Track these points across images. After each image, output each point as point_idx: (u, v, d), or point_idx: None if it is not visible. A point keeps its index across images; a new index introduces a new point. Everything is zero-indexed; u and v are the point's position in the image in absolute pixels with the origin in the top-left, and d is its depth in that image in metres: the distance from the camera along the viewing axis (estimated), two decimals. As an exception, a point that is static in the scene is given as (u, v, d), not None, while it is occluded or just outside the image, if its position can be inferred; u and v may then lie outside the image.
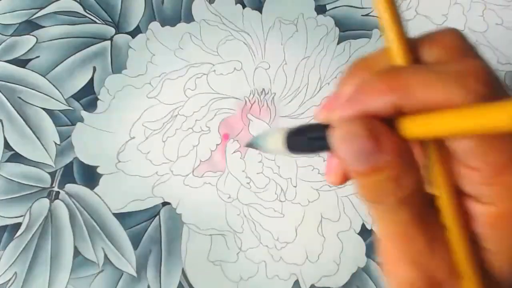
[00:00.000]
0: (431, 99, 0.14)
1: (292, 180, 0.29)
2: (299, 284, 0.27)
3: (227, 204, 0.28)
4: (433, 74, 0.15)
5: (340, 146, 0.16)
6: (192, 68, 0.31)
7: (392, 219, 0.17)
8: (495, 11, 0.33)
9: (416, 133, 0.15)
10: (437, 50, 0.16)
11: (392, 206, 0.16)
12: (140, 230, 0.28)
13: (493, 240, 0.16)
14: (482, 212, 0.16)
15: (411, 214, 0.16)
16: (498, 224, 0.16)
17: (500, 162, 0.15)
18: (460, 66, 0.15)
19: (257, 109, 0.30)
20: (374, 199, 0.17)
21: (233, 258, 0.28)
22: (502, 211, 0.15)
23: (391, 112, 0.16)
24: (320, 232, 0.28)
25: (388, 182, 0.16)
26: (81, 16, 0.32)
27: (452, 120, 0.14)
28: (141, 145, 0.29)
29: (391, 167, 0.16)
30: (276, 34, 0.31)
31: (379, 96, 0.15)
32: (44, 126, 0.29)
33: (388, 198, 0.16)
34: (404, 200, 0.16)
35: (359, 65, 0.19)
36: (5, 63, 0.30)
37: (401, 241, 0.17)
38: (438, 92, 0.14)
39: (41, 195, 0.28)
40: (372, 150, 0.16)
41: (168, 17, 0.32)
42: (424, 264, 0.17)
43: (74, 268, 0.27)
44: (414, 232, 0.17)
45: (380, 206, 0.17)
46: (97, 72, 0.31)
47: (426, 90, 0.15)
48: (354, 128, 0.16)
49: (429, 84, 0.15)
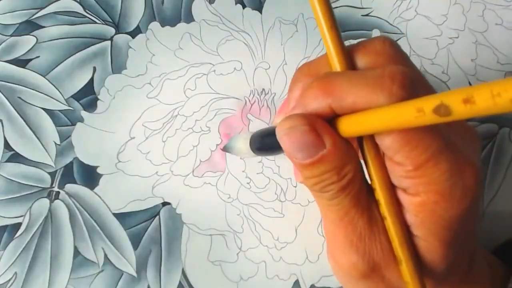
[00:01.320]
0: (358, 101, 0.16)
1: (292, 180, 0.29)
2: (299, 284, 0.27)
3: (227, 204, 0.28)
4: (359, 79, 0.17)
5: (283, 139, 0.18)
6: (192, 68, 0.31)
7: (335, 205, 0.18)
8: (495, 11, 0.33)
9: (349, 131, 0.17)
10: (368, 56, 0.18)
11: (334, 194, 0.18)
12: (140, 230, 0.28)
13: (420, 228, 0.18)
14: (409, 202, 0.18)
15: (351, 201, 0.18)
16: (421, 212, 0.17)
17: (419, 157, 0.16)
18: (382, 71, 0.16)
19: (257, 109, 0.30)
20: (319, 188, 0.18)
21: (233, 258, 0.28)
22: (424, 200, 0.17)
23: (329, 113, 0.17)
24: (320, 232, 0.28)
25: (329, 173, 0.18)
26: (81, 16, 0.32)
27: (372, 119, 0.16)
28: (141, 145, 0.29)
29: (332, 158, 0.18)
30: (276, 34, 0.31)
31: (316, 99, 0.17)
32: (44, 126, 0.29)
33: (330, 187, 0.18)
34: (344, 188, 0.18)
35: (304, 70, 0.21)
36: (5, 63, 0.30)
37: (343, 225, 0.18)
38: (362, 95, 0.16)
39: (41, 195, 0.28)
40: (313, 143, 0.17)
41: (168, 17, 0.32)
42: (365, 248, 0.18)
43: (74, 268, 0.27)
44: (354, 217, 0.18)
45: (323, 194, 0.18)
46: (97, 72, 0.31)
47: (353, 93, 0.16)
48: (295, 122, 0.18)
49: (356, 88, 0.16)
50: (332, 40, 0.18)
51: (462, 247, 0.19)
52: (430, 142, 0.16)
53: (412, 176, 0.17)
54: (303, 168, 0.18)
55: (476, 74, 0.31)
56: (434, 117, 0.13)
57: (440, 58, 0.32)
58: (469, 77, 0.31)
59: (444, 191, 0.17)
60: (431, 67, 0.31)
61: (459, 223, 0.17)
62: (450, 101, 0.12)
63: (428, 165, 0.16)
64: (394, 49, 0.19)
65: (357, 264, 0.18)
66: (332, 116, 0.18)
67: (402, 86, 0.16)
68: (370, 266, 0.18)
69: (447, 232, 0.17)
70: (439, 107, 0.13)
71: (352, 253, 0.18)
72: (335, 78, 0.17)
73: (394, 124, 0.15)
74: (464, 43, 0.32)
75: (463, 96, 0.12)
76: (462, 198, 0.17)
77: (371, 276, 0.19)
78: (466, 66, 0.31)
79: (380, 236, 0.18)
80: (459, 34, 0.32)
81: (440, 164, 0.16)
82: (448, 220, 0.17)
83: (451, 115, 0.12)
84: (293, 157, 0.18)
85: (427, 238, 0.18)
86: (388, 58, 0.18)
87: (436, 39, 0.32)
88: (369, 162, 0.18)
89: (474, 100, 0.12)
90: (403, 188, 0.18)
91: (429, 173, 0.17)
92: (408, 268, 0.18)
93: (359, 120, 0.17)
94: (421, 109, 0.13)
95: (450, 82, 0.31)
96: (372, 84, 0.16)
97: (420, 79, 0.19)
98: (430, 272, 0.19)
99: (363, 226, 0.18)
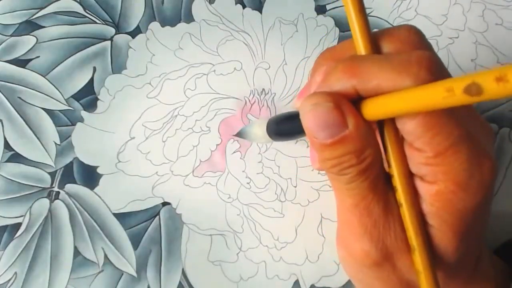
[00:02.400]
0: (383, 84, 0.16)
1: (292, 180, 0.29)
2: (299, 284, 0.27)
3: (227, 204, 0.28)
4: (385, 63, 0.17)
5: (307, 117, 0.18)
6: (192, 68, 0.31)
7: (351, 190, 0.18)
8: (495, 11, 0.33)
9: (373, 113, 0.17)
10: (393, 43, 0.18)
11: (352, 178, 0.18)
12: (140, 230, 0.28)
13: (435, 217, 0.18)
14: (425, 190, 0.18)
15: (368, 186, 0.18)
16: (437, 201, 0.17)
17: (440, 144, 0.16)
18: (408, 55, 0.16)
19: (257, 109, 0.30)
20: (337, 171, 0.18)
21: (233, 258, 0.28)
22: (441, 189, 0.17)
23: (353, 94, 0.17)
24: (320, 232, 0.28)
25: (349, 155, 0.17)
26: (81, 16, 0.32)
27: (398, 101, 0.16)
28: (141, 145, 0.29)
29: (353, 140, 0.17)
30: (276, 34, 0.31)
31: (341, 80, 0.17)
32: (44, 126, 0.29)
33: (349, 170, 0.18)
34: (363, 172, 0.18)
35: (326, 55, 0.21)
36: (5, 63, 0.30)
37: (358, 211, 0.18)
38: (388, 78, 0.16)
39: (41, 195, 0.28)
40: (337, 122, 0.17)
41: (168, 17, 0.32)
42: (379, 235, 0.18)
43: (74, 268, 0.27)
44: (370, 204, 0.18)
45: (341, 178, 0.18)
46: (97, 72, 0.31)
47: (379, 76, 0.16)
48: (321, 98, 0.17)
49: (382, 70, 0.16)
50: (359, 24, 0.18)
51: (473, 241, 0.19)
52: (452, 130, 0.16)
53: (432, 163, 0.17)
54: (323, 148, 0.18)
55: (476, 74, 0.31)
56: (464, 97, 0.13)
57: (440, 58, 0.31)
58: (469, 77, 0.31)
59: (462, 181, 0.17)
60: (431, 67, 0.31)
61: (473, 216, 0.17)
62: (482, 80, 0.12)
63: (448, 153, 0.16)
64: (419, 38, 0.19)
65: (370, 252, 0.18)
66: (355, 98, 0.18)
67: (428, 70, 0.16)
68: (383, 254, 0.18)
69: (461, 223, 0.17)
70: (470, 86, 0.12)
71: (366, 241, 0.18)
72: (361, 60, 0.17)
73: (422, 105, 0.15)
74: (464, 43, 0.32)
75: (496, 75, 0.12)
76: (478, 190, 0.17)
77: (383, 264, 0.18)
78: (466, 66, 0.31)
79: (395, 225, 0.18)
80: (459, 34, 0.32)
81: (460, 153, 0.16)
82: (463, 211, 0.17)
83: (483, 94, 0.12)
84: (314, 136, 0.18)
85: (441, 228, 0.18)
86: (413, 46, 0.18)
87: (436, 39, 0.32)
88: (388, 148, 0.18)
89: (508, 78, 0.12)
90: (421, 175, 0.18)
91: (449, 161, 0.16)
92: (421, 257, 0.18)
93: (384, 102, 0.16)
94: (451, 88, 0.13)
95: (450, 82, 0.31)
96: (398, 67, 0.16)
97: (444, 66, 0.19)
98: (441, 263, 0.19)
99: (378, 214, 0.18)
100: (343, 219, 0.19)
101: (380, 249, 0.18)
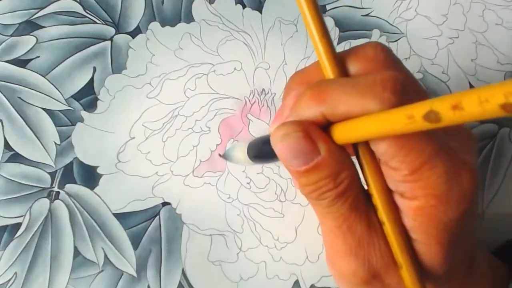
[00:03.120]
0: (351, 108, 0.16)
1: (292, 180, 0.29)
2: (299, 284, 0.27)
3: (227, 204, 0.28)
4: (351, 87, 0.17)
5: (278, 146, 0.18)
6: (192, 68, 0.31)
7: (332, 212, 0.18)
8: (495, 11, 0.33)
9: (343, 138, 0.17)
10: (360, 63, 0.18)
11: (331, 201, 0.18)
12: (140, 230, 0.28)
13: (419, 232, 0.18)
14: (406, 206, 0.18)
15: (349, 207, 0.18)
16: (420, 216, 0.17)
17: (414, 161, 0.16)
18: (374, 77, 0.16)
19: (257, 109, 0.30)
20: (315, 196, 0.18)
21: (233, 258, 0.28)
22: (421, 204, 0.17)
23: (322, 120, 0.17)
24: (320, 232, 0.28)
25: (325, 180, 0.18)
26: (81, 16, 0.32)
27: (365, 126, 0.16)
28: (141, 145, 0.29)
29: (327, 165, 0.17)
30: (276, 34, 0.31)
31: (310, 107, 0.17)
32: (44, 126, 0.29)
33: (327, 194, 0.18)
34: (342, 194, 0.18)
35: (296, 79, 0.21)
36: (5, 63, 0.30)
37: (341, 233, 0.18)
38: (355, 102, 0.16)
39: (41, 195, 0.28)
40: (308, 149, 0.17)
41: (168, 17, 0.32)
42: (364, 254, 0.18)
43: (74, 268, 0.27)
44: (352, 224, 0.18)
45: (321, 202, 0.18)
46: (97, 72, 0.31)
47: (346, 101, 0.16)
48: (289, 129, 0.18)
49: (348, 95, 0.16)
50: (324, 48, 0.18)
51: (461, 249, 0.19)
52: (425, 145, 0.16)
53: (409, 180, 0.17)
54: (298, 175, 0.18)
55: (476, 74, 0.31)
56: (424, 124, 0.13)
57: (440, 58, 0.32)
58: (469, 77, 0.31)
59: (441, 194, 0.17)
60: (431, 67, 0.31)
61: (458, 226, 0.17)
62: (439, 107, 0.12)
63: (424, 168, 0.16)
64: (386, 55, 0.19)
65: (357, 271, 0.18)
66: (325, 123, 0.18)
67: (393, 92, 0.16)
68: (370, 272, 0.18)
69: (446, 234, 0.17)
70: (429, 114, 0.13)
71: (352, 261, 0.18)
72: (327, 86, 0.17)
73: (386, 130, 0.15)
74: (464, 43, 0.32)
75: (451, 103, 0.12)
76: (459, 200, 0.17)
77: (372, 282, 0.18)
78: (466, 66, 0.31)
79: (379, 242, 0.18)
80: (459, 34, 0.32)
81: (436, 167, 0.16)
82: (447, 223, 0.17)
83: (441, 121, 0.12)
84: (288, 165, 0.18)
85: (426, 241, 0.18)
86: (380, 64, 0.18)
87: (436, 39, 0.32)
88: (365, 168, 0.18)
89: (463, 106, 0.12)
90: (400, 192, 0.18)
91: (426, 176, 0.17)
92: (409, 273, 0.18)
93: (352, 127, 0.17)
94: (411, 116, 0.13)
95: (450, 82, 0.31)
96: (364, 91, 0.16)
97: (412, 83, 0.18)
98: (430, 275, 0.19)
99: (361, 233, 0.18)
100: (328, 241, 0.19)
101: (367, 268, 0.18)
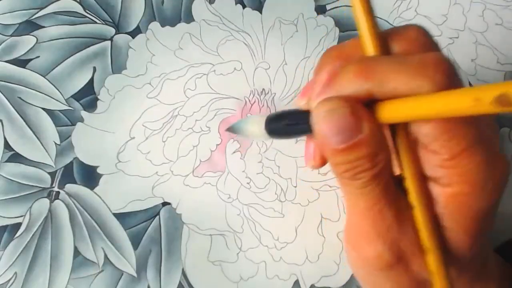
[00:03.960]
0: (400, 87, 0.16)
1: (292, 180, 0.29)
2: (299, 284, 0.27)
3: (227, 204, 0.28)
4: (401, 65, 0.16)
5: (322, 123, 0.17)
6: (192, 68, 0.31)
7: (364, 194, 0.18)
8: (495, 11, 0.33)
9: (390, 117, 0.17)
10: (402, 44, 0.18)
11: (365, 182, 0.18)
12: (140, 230, 0.28)
13: (448, 219, 0.18)
14: (439, 192, 0.18)
15: (381, 189, 0.18)
16: (452, 203, 0.17)
17: (455, 147, 0.16)
18: (425, 58, 0.16)
19: (257, 109, 0.30)
20: (350, 176, 0.18)
21: (233, 258, 0.28)
22: (456, 191, 0.17)
23: (366, 97, 0.17)
24: (320, 232, 0.28)
25: (363, 159, 0.17)
26: (81, 16, 0.32)
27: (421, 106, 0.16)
28: (141, 145, 0.29)
29: (367, 144, 0.17)
30: (276, 34, 0.31)
31: (355, 82, 0.17)
32: (44, 126, 0.29)
33: (363, 175, 0.17)
34: (376, 176, 0.17)
35: (332, 53, 0.20)
36: (5, 63, 0.30)
37: (371, 215, 0.18)
38: (405, 81, 0.16)
39: (41, 195, 0.28)
40: (353, 126, 0.17)
41: (168, 17, 0.32)
42: (391, 238, 0.18)
43: (74, 268, 0.27)
44: (383, 207, 0.18)
45: (354, 182, 0.18)
46: (97, 72, 0.31)
47: (395, 79, 0.16)
48: (337, 105, 0.17)
49: (398, 73, 0.16)
50: (368, 23, 0.18)
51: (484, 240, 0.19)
52: (467, 132, 0.16)
53: (447, 166, 0.17)
54: (336, 153, 0.17)
55: (476, 74, 0.31)
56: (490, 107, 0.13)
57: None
58: (469, 77, 0.31)
59: (477, 183, 0.17)
60: (431, 67, 0.31)
61: (486, 216, 0.17)
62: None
63: (464, 155, 0.16)
64: (427, 38, 0.19)
65: (383, 254, 0.18)
66: (367, 101, 0.17)
67: (446, 74, 0.16)
68: (396, 256, 0.18)
69: (475, 224, 0.17)
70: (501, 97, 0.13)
71: (379, 244, 0.18)
72: (375, 62, 0.17)
73: (445, 112, 0.15)
74: (464, 43, 0.32)
75: None
76: (493, 191, 0.17)
77: (396, 267, 0.18)
78: (466, 66, 0.31)
79: (407, 227, 0.18)
80: (459, 34, 0.32)
81: (475, 155, 0.16)
82: (477, 212, 0.17)
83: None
84: (327, 141, 0.17)
85: (455, 229, 0.18)
86: (422, 46, 0.18)
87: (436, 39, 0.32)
88: (401, 150, 0.18)
89: None
90: (436, 178, 0.17)
91: (464, 164, 0.16)
92: (435, 258, 0.18)
93: (404, 106, 0.16)
94: (478, 98, 0.13)
95: (450, 82, 0.31)
96: (415, 70, 0.16)
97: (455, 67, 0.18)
98: (454, 263, 0.19)
99: (391, 217, 0.18)
100: (354, 222, 0.19)
101: (394, 251, 0.18)
